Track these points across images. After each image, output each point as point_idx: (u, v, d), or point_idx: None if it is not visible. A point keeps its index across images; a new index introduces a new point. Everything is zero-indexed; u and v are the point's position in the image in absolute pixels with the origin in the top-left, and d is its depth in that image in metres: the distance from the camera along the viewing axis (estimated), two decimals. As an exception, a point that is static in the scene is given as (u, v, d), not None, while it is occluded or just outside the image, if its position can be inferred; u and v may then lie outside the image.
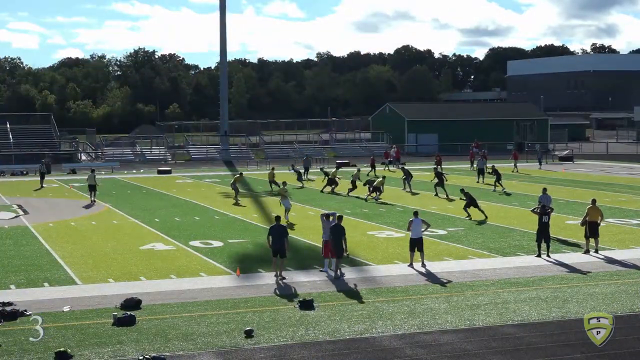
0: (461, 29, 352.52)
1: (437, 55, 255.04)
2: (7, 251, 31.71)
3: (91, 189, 49.61)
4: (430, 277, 26.14)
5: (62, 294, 23.89)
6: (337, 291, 24.11)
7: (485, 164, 62.56)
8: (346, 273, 26.62)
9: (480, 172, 60.57)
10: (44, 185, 59.68)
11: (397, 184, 59.52)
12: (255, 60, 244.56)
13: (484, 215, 39.48)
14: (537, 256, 29.31)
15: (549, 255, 29.26)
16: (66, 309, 22.03)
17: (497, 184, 54.18)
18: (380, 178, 51.26)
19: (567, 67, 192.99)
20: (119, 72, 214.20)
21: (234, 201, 48.15)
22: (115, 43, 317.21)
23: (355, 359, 17.75)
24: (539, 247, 29.49)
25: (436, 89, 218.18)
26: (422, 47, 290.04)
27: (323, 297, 23.22)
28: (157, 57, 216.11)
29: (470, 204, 40.16)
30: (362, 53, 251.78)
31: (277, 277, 26.06)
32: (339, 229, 26.52)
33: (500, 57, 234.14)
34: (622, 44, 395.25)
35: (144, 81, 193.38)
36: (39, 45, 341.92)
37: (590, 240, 30.29)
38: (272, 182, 54.41)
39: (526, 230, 35.06)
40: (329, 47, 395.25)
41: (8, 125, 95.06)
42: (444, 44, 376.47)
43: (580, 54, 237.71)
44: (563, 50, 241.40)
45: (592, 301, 22.61)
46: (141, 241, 33.79)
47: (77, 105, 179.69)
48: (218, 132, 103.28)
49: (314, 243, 32.25)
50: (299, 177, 60.23)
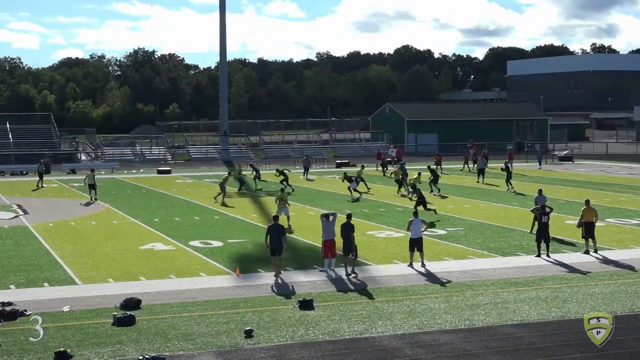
0: (461, 29, 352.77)
1: (437, 55, 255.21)
2: (6, 251, 31.71)
3: (91, 188, 49.88)
4: (430, 277, 26.14)
5: (61, 294, 23.90)
6: (336, 291, 24.12)
7: (486, 164, 62.70)
8: (345, 273, 26.60)
9: (481, 172, 60.56)
10: (43, 185, 59.67)
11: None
12: (255, 60, 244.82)
13: (434, 215, 39.37)
14: (536, 256, 29.32)
15: (548, 255, 29.26)
16: (66, 309, 22.03)
17: (508, 183, 54.01)
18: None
19: (567, 67, 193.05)
20: (118, 72, 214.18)
21: (220, 201, 47.83)
22: (115, 43, 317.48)
23: (355, 359, 17.75)
24: (539, 247, 29.50)
25: (436, 89, 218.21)
26: (422, 47, 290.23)
27: (323, 297, 23.23)
28: (156, 57, 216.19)
29: (420, 202, 40.14)
30: (362, 53, 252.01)
31: (276, 277, 26.15)
32: (349, 227, 26.81)
33: (500, 57, 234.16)
34: (622, 44, 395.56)
35: (144, 81, 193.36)
36: (39, 45, 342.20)
37: (589, 241, 30.30)
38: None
39: (526, 230, 35.05)
40: (328, 47, 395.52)
41: (8, 125, 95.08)
42: (444, 44, 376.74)
43: (580, 54, 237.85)
44: (563, 50, 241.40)
45: (591, 301, 22.61)
46: (141, 241, 33.79)
47: (77, 105, 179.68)
48: (218, 132, 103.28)
49: (314, 243, 32.25)
50: (257, 176, 58.56)
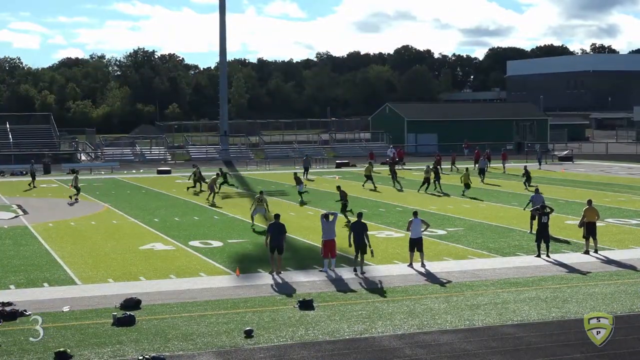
0: (462, 29, 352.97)
1: (436, 55, 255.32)
2: (6, 251, 31.71)
3: (77, 190, 50.02)
4: (430, 277, 26.15)
5: (61, 294, 23.89)
6: (336, 291, 24.12)
7: (488, 164, 63.08)
8: (345, 273, 26.65)
9: (482, 172, 60.73)
10: (35, 186, 59.48)
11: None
12: (255, 60, 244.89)
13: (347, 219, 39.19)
14: (536, 256, 29.32)
15: (548, 256, 29.26)
16: (66, 309, 22.03)
17: (526, 184, 54.14)
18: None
19: (567, 67, 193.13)
20: (118, 72, 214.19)
21: (211, 201, 47.56)
22: (115, 43, 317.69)
23: (354, 359, 17.75)
24: (539, 247, 29.50)
25: (436, 89, 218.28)
26: (421, 47, 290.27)
27: (323, 297, 23.23)
28: (156, 57, 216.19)
29: (342, 201, 40.23)
30: (362, 53, 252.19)
31: (273, 274, 26.21)
32: (361, 226, 26.94)
33: (500, 57, 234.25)
34: (623, 44, 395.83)
35: (144, 81, 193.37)
36: (39, 45, 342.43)
37: (590, 241, 30.31)
38: (198, 183, 54.36)
39: (526, 230, 35.05)
40: (328, 47, 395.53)
41: (8, 125, 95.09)
42: (444, 44, 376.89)
43: (579, 54, 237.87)
44: (562, 51, 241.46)
45: (591, 301, 22.61)
46: (141, 241, 33.79)
47: (77, 105, 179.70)
48: (218, 132, 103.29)
49: (314, 243, 32.25)
50: (225, 181, 55.71)
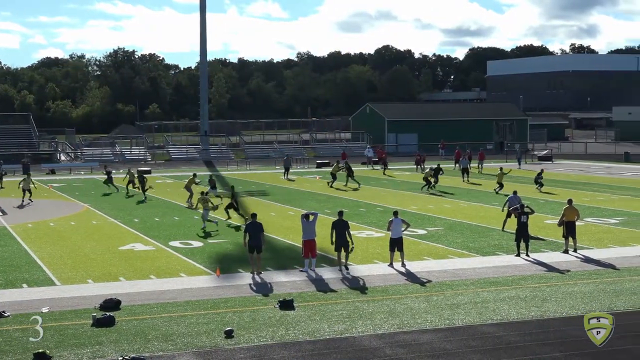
0: (442, 29, 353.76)
1: (417, 55, 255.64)
2: (-15, 252, 31.52)
3: (25, 191, 49.16)
4: (410, 276, 26.19)
5: (40, 295, 23.77)
6: (317, 291, 24.12)
7: (469, 164, 63.43)
8: (326, 273, 26.66)
9: (465, 171, 61.00)
10: (2, 186, 59.03)
11: (377, 183, 59.70)
12: (235, 60, 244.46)
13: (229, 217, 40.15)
14: (516, 255, 29.43)
15: (528, 255, 29.38)
16: (45, 310, 21.92)
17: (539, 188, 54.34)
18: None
19: (547, 67, 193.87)
20: (98, 72, 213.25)
21: (186, 204, 47.00)
22: (97, 43, 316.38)
23: (335, 359, 17.76)
24: (518, 246, 29.61)
25: (416, 89, 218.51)
26: (402, 47, 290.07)
27: (303, 297, 23.23)
28: (137, 57, 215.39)
29: (231, 204, 40.49)
30: (343, 53, 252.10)
31: (253, 274, 26.20)
32: (342, 223, 27.13)
33: (481, 57, 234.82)
34: (602, 45, 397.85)
35: (124, 81, 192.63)
36: (19, 44, 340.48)
37: (569, 240, 30.44)
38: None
39: (506, 229, 35.18)
40: (309, 47, 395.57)
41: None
42: (424, 44, 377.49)
43: (559, 54, 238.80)
44: (542, 51, 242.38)
45: (570, 300, 22.72)
46: (120, 241, 33.67)
47: (57, 105, 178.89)
48: (198, 132, 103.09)
49: (294, 243, 32.25)
50: (142, 186, 52.13)
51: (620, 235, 34.47)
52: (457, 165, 71.87)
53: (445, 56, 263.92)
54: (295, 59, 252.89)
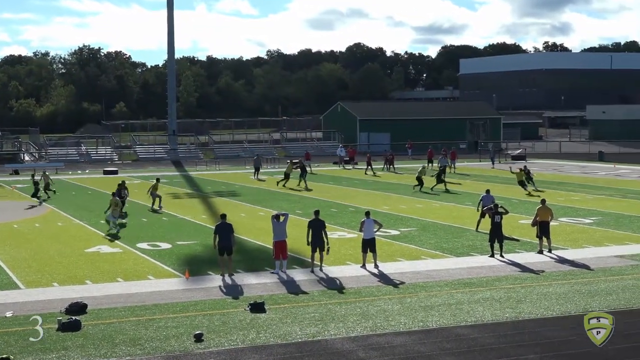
0: (415, 27, 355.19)
1: (389, 54, 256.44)
2: (-54, 255, 31.17)
3: None
4: (383, 278, 26.22)
5: (4, 299, 23.53)
6: (288, 293, 24.08)
7: (449, 162, 64.02)
8: (297, 274, 26.63)
9: (443, 170, 61.03)
10: None
11: (349, 183, 59.77)
12: (204, 58, 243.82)
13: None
14: (490, 256, 29.55)
15: (502, 255, 29.50)
16: (9, 314, 21.71)
17: (528, 182, 54.61)
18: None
19: (520, 66, 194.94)
20: (63, 70, 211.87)
21: (157, 205, 46.40)
22: (62, 40, 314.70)
23: (307, 363, 17.72)
24: (492, 247, 29.73)
25: (388, 87, 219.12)
26: (374, 45, 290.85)
27: (274, 300, 23.18)
28: (103, 54, 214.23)
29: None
30: (314, 51, 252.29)
31: (223, 276, 26.13)
32: (319, 223, 27.19)
33: (453, 55, 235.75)
34: (576, 42, 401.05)
35: (90, 79, 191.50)
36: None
37: (543, 240, 30.60)
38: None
39: (480, 230, 35.31)
40: (280, 44, 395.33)
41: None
42: (396, 42, 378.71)
43: (532, 52, 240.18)
44: (516, 49, 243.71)
45: (545, 301, 22.83)
46: (87, 243, 33.45)
47: (20, 104, 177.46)
48: (166, 131, 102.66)
49: (265, 244, 32.17)
50: (35, 193, 51.63)
51: (595, 235, 34.72)
52: (430, 165, 72.18)
53: (417, 54, 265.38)
54: (265, 57, 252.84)
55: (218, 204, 47.89)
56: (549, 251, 30.38)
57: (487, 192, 36.78)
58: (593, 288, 24.50)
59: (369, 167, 69.44)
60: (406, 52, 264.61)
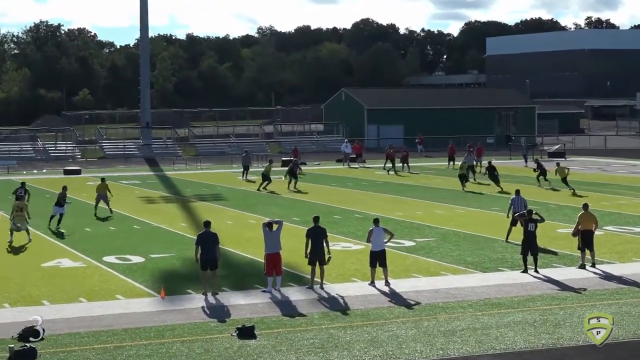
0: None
1: (402, 31, 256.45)
2: None
3: None
4: (396, 297, 26.20)
5: (-55, 323, 23.54)
6: (282, 315, 24.07)
7: (476, 160, 64.20)
8: (293, 293, 26.62)
9: (471, 169, 61.18)
10: None
11: (355, 185, 59.75)
12: (184, 37, 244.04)
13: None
14: (523, 272, 29.51)
15: (537, 271, 29.47)
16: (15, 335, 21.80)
17: (539, 179, 56.44)
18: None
19: (558, 46, 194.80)
20: (16, 51, 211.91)
21: (109, 213, 45.92)
22: (15, 15, 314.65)
23: (305, 398, 17.71)
24: (525, 261, 29.69)
25: (402, 71, 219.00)
26: (384, 21, 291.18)
27: (266, 323, 23.16)
28: (63, 32, 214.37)
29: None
30: (313, 28, 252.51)
31: (206, 295, 26.12)
32: (319, 232, 27.22)
33: (479, 33, 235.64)
34: (624, 18, 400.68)
35: (48, 61, 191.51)
36: None
37: (586, 253, 30.55)
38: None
39: (510, 240, 35.29)
40: (273, 21, 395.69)
41: None
42: (411, 18, 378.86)
43: (573, 29, 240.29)
44: (553, 25, 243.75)
45: (588, 325, 22.73)
46: (43, 257, 33.42)
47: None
48: (138, 123, 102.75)
49: (255, 257, 32.18)
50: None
51: (647, 246, 34.72)
52: (451, 163, 72.21)
53: (436, 32, 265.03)
54: (256, 35, 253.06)
55: (200, 209, 47.88)
56: (593, 265, 30.34)
57: (517, 193, 36.64)
58: (645, 309, 24.50)
59: (390, 164, 69.46)
60: (423, 30, 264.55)
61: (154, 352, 20.74)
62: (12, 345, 20.64)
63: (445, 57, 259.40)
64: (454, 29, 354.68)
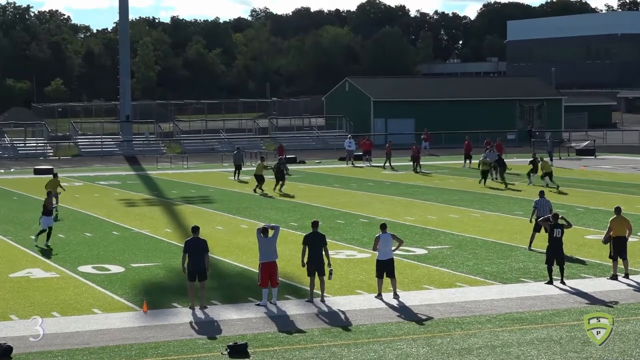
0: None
1: (413, 14, 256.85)
2: None
3: None
4: (405, 312, 26.25)
5: None
6: (278, 332, 24.11)
7: (499, 156, 64.28)
8: (291, 307, 26.67)
9: (494, 167, 61.13)
10: None
11: (360, 186, 59.80)
12: (168, 20, 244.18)
13: None
14: (547, 283, 29.56)
15: (563, 282, 29.51)
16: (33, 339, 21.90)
17: (529, 175, 58.09)
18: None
19: (587, 30, 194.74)
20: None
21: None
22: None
23: None
24: (550, 271, 29.73)
25: (413, 58, 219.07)
26: (393, 2, 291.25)
27: (260, 340, 23.22)
28: (32, 14, 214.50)
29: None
30: (313, 10, 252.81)
31: (194, 309, 26.19)
32: (318, 238, 27.26)
33: (498, 16, 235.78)
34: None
35: (15, 47, 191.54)
36: None
37: (618, 262, 30.57)
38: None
39: (533, 248, 35.33)
40: (268, 2, 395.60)
41: None
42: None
43: (604, 11, 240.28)
44: (582, 7, 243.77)
45: (621, 343, 22.74)
46: (12, 266, 33.47)
47: None
48: (117, 117, 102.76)
49: (248, 267, 32.22)
50: None
51: (687, 255, 34.71)
52: (467, 162, 72.20)
53: (451, 15, 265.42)
54: (249, 19, 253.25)
55: (186, 213, 47.91)
56: (626, 276, 30.38)
57: (541, 195, 36.59)
58: (684, 325, 24.55)
59: (415, 163, 69.45)
60: (436, 12, 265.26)
61: (136, 372, 20.83)
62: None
63: (461, 42, 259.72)
64: (470, 11, 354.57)
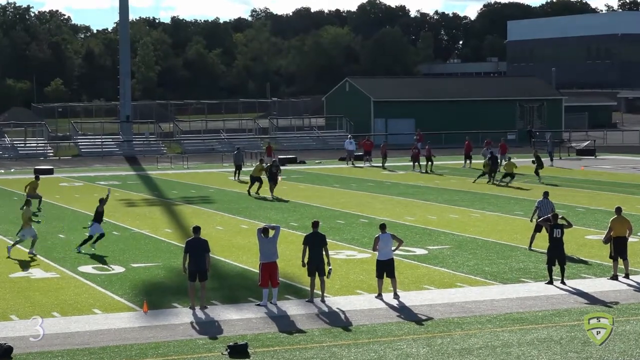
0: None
1: (413, 14, 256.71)
2: None
3: None
4: (405, 312, 26.24)
5: None
6: (279, 332, 24.11)
7: (500, 157, 64.32)
8: (291, 307, 26.66)
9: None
10: None
11: (360, 187, 59.78)
12: (168, 21, 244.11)
13: None
14: (548, 283, 29.56)
15: (563, 282, 29.50)
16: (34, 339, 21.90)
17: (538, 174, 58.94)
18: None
19: (588, 30, 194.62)
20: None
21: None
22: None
23: None
24: (550, 271, 29.72)
25: (413, 58, 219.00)
26: (393, 2, 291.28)
27: (261, 341, 23.21)
28: (33, 15, 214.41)
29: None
30: (313, 10, 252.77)
31: (194, 310, 26.22)
32: (318, 238, 27.27)
33: (499, 16, 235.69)
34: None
35: (16, 48, 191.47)
36: None
37: (618, 262, 30.56)
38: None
39: (534, 248, 35.33)
40: (268, 2, 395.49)
41: None
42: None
43: (604, 11, 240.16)
44: (582, 7, 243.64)
45: (621, 343, 22.72)
46: (12, 267, 33.47)
47: None
48: (117, 117, 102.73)
49: (249, 267, 32.21)
50: None
51: (687, 255, 34.70)
52: (467, 162, 72.21)
53: (451, 15, 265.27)
54: (249, 19, 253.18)
55: (186, 213, 47.89)
56: (626, 276, 30.37)
57: (545, 196, 36.53)
58: (684, 325, 24.54)
59: (429, 162, 69.38)
60: (437, 12, 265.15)
61: (136, 372, 20.82)
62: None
63: (461, 43, 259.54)
64: (471, 11, 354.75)
